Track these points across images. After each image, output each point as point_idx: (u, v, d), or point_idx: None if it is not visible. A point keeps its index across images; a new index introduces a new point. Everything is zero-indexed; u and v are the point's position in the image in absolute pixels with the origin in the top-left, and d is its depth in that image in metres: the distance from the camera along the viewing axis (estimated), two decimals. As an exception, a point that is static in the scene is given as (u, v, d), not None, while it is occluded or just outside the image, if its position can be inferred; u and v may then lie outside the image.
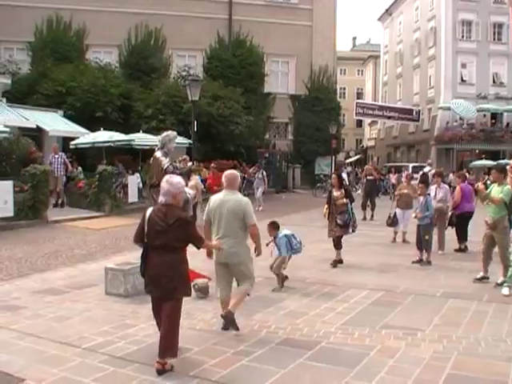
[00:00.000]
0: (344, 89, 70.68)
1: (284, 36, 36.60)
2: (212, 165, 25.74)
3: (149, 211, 5.73)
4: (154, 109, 28.19)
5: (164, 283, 5.48)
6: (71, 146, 23.17)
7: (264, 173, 24.55)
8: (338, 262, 10.89)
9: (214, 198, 6.77)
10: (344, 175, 23.38)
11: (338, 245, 10.99)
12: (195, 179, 14.41)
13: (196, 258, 9.84)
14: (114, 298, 8.23)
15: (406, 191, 14.09)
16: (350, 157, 67.13)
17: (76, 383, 5.21)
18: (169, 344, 5.43)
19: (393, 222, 13.94)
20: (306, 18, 38.12)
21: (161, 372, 5.38)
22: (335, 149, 37.92)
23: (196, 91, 18.24)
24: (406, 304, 8.00)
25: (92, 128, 24.56)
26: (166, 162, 9.65)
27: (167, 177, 5.86)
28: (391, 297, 8.36)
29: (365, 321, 7.08)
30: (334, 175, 11.60)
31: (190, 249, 5.81)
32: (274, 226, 9.16)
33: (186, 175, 13.41)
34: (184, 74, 31.96)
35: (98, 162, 22.02)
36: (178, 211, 5.66)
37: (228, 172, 6.86)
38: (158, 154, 9.79)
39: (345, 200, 10.76)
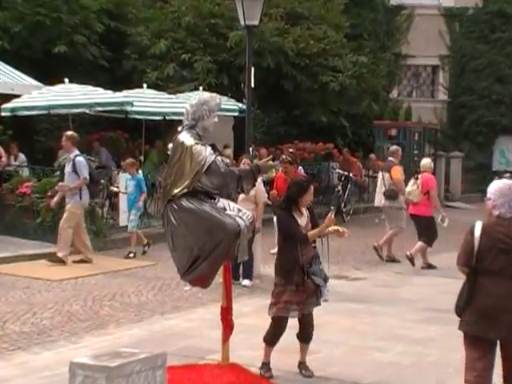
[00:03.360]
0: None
1: None
2: (283, 156, 24.30)
3: (478, 225, 7.58)
4: (172, 40, 28.52)
5: (506, 320, 7.38)
6: (3, 113, 23.46)
7: None
8: None
9: None
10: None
11: None
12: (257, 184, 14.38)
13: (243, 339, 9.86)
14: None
15: None
16: None
17: None
18: None
19: None
20: None
21: None
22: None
23: (254, 8, 18.19)
24: None
25: (48, 78, 24.91)
26: (207, 152, 9.38)
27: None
28: None
29: None
30: None
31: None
32: None
33: (252, 179, 13.23)
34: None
35: (58, 144, 22.30)
36: None
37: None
38: (187, 137, 9.47)
39: None
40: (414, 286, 16.87)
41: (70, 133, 19.12)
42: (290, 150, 21.67)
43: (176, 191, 9.19)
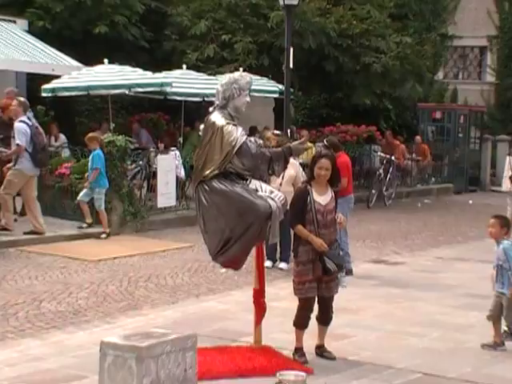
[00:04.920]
0: None
1: None
2: (324, 141, 24.78)
3: None
4: (212, 20, 28.47)
5: None
6: (43, 94, 23.62)
7: None
8: None
9: None
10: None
11: None
12: (295, 167, 14.37)
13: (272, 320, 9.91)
14: (118, 406, 8.27)
15: None
16: None
17: None
18: None
19: None
20: None
21: None
22: None
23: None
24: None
25: (88, 58, 25.04)
26: (238, 133, 9.39)
27: None
28: None
29: None
30: None
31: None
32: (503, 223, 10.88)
33: (283, 160, 13.26)
34: None
35: (97, 126, 22.41)
36: None
37: None
38: (218, 117, 9.49)
39: None
40: (455, 271, 16.69)
41: (22, 99, 19.12)
42: (326, 140, 21.49)
43: (207, 172, 9.24)
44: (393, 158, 29.08)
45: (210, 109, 9.64)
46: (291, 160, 12.20)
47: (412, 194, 29.58)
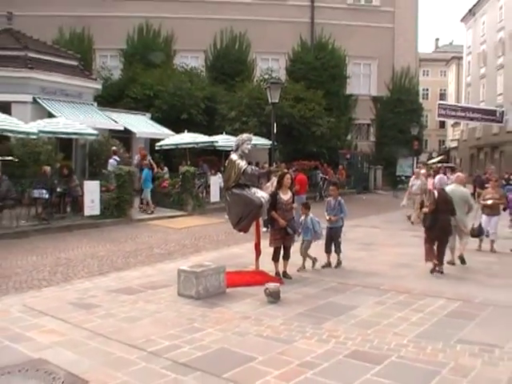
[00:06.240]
0: (427, 90, 68.60)
1: (366, 38, 35.65)
2: (293, 168, 25.20)
3: None
4: (237, 111, 28.10)
5: None
6: (156, 148, 23.47)
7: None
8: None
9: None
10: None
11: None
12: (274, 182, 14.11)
13: (266, 259, 9.66)
14: (186, 299, 8.04)
15: (490, 201, 12.84)
16: (433, 158, 64.88)
17: (137, 389, 5.03)
18: None
19: (479, 231, 12.48)
20: (387, 21, 37.06)
21: None
22: (417, 150, 36.65)
23: (276, 93, 17.91)
24: (484, 316, 7.31)
25: (177, 130, 24.81)
26: (243, 163, 9.39)
27: None
28: (468, 307, 7.69)
29: (439, 334, 6.50)
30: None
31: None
32: (306, 207, 10.62)
33: (266, 177, 13.17)
34: (266, 76, 31.75)
35: (181, 162, 22.22)
36: None
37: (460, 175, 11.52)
38: (234, 156, 9.53)
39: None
40: (354, 232, 16.17)
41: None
42: (293, 168, 21.21)
43: (229, 183, 9.55)
44: (326, 176, 28.82)
45: (231, 152, 9.68)
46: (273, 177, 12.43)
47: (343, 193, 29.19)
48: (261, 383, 5.09)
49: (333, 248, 10.70)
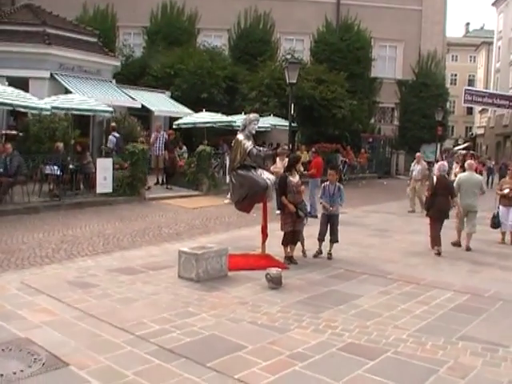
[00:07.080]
0: (455, 75, 67.28)
1: (392, 20, 34.80)
2: (312, 149, 24.69)
3: None
4: (258, 91, 27.65)
5: None
6: (174, 126, 23.21)
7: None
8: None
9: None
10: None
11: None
12: (281, 164, 13.72)
13: (273, 241, 9.41)
14: (185, 282, 7.84)
15: (507, 191, 12.13)
16: (459, 144, 63.70)
17: (117, 375, 4.82)
18: None
19: (495, 223, 12.11)
20: (415, 3, 36.03)
21: None
22: (441, 136, 35.83)
23: (294, 74, 17.48)
24: (491, 312, 6.97)
25: (197, 109, 24.43)
26: (248, 144, 9.10)
27: None
28: (477, 302, 7.34)
29: (442, 329, 6.18)
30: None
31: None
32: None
33: (271, 158, 12.85)
34: (288, 56, 31.20)
35: (199, 142, 21.95)
36: None
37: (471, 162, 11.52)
38: (240, 136, 9.25)
39: None
40: (371, 217, 15.88)
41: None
42: (313, 149, 20.61)
43: (235, 164, 9.32)
44: (346, 159, 28.43)
45: (238, 131, 9.39)
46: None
47: (355, 178, 28.75)
48: (245, 374, 4.85)
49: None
